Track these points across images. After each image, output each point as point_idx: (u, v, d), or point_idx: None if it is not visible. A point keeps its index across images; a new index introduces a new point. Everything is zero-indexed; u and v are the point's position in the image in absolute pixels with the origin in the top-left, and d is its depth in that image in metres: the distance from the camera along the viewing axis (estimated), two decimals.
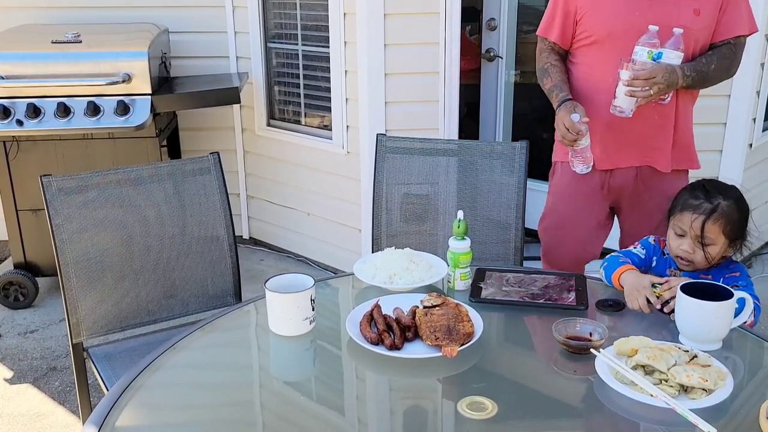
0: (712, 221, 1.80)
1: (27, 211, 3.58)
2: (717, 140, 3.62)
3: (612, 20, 2.23)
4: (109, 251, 2.15)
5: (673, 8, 2.19)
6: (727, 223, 1.81)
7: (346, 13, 3.53)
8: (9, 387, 3.00)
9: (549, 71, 2.37)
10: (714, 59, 2.25)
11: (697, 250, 1.83)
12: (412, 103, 3.57)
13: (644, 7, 2.19)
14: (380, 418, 1.42)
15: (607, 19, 2.24)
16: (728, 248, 1.86)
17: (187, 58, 4.07)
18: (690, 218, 1.83)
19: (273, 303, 1.67)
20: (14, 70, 3.34)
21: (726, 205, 1.82)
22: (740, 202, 1.86)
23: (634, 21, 2.18)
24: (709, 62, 2.24)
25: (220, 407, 1.44)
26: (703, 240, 1.81)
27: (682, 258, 1.87)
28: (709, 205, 1.82)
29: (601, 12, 2.25)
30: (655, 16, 2.16)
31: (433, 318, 1.60)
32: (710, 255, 1.83)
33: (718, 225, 1.81)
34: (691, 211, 1.83)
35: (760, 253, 4.16)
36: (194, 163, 2.27)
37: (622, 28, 2.20)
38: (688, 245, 1.84)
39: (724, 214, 1.81)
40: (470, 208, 2.41)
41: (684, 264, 1.87)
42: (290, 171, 4.11)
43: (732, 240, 1.84)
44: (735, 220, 1.82)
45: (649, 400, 1.37)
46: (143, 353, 1.94)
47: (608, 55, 2.23)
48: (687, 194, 1.89)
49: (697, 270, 1.88)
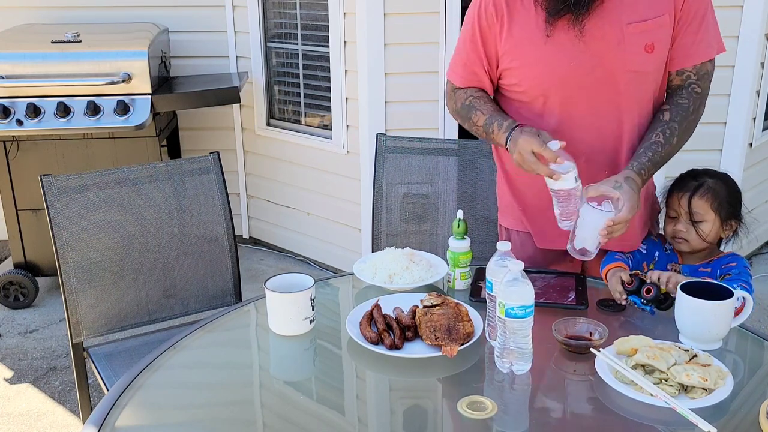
0: (698, 196, 1.88)
1: (27, 210, 3.59)
2: (717, 139, 3.63)
3: (543, 75, 1.80)
4: (109, 251, 2.15)
5: (615, 49, 1.74)
6: (714, 199, 1.87)
7: (346, 13, 3.53)
8: (9, 387, 3.00)
9: (474, 105, 1.88)
10: (675, 127, 1.79)
11: (689, 228, 1.89)
12: (412, 102, 3.57)
13: (580, 54, 1.75)
14: (380, 417, 1.42)
15: (537, 74, 1.81)
16: (722, 228, 1.90)
17: (187, 58, 4.07)
18: (677, 197, 1.91)
19: (273, 303, 1.67)
20: (14, 69, 3.34)
21: (712, 182, 1.90)
22: (727, 180, 1.93)
23: (571, 73, 1.77)
24: (669, 137, 1.78)
25: (220, 407, 1.44)
26: (692, 216, 1.87)
27: (677, 238, 1.91)
28: (695, 182, 1.91)
29: (529, 65, 1.80)
30: (596, 63, 1.75)
31: (433, 318, 1.60)
32: (703, 232, 1.88)
33: (704, 200, 1.87)
34: (679, 190, 1.92)
35: (760, 252, 4.16)
36: (194, 163, 2.27)
37: (558, 83, 1.79)
38: (682, 225, 1.90)
39: (710, 189, 1.88)
40: (470, 207, 2.41)
41: (680, 243, 1.91)
42: (290, 171, 4.11)
43: (724, 219, 1.89)
44: (722, 196, 1.89)
45: (649, 400, 1.37)
46: (143, 353, 1.94)
47: (543, 112, 1.84)
48: (677, 180, 1.97)
49: (695, 251, 1.91)
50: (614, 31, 1.73)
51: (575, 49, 1.76)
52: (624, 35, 1.73)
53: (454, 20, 3.41)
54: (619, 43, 1.74)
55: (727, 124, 3.61)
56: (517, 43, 1.81)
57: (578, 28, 1.73)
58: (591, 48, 1.75)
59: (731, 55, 3.53)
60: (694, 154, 2.36)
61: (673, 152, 1.81)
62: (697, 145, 2.43)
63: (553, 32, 1.76)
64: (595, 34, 1.74)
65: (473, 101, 1.90)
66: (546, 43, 1.77)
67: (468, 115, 1.90)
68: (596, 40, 1.74)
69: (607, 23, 1.73)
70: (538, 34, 1.77)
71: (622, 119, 1.82)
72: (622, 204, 1.64)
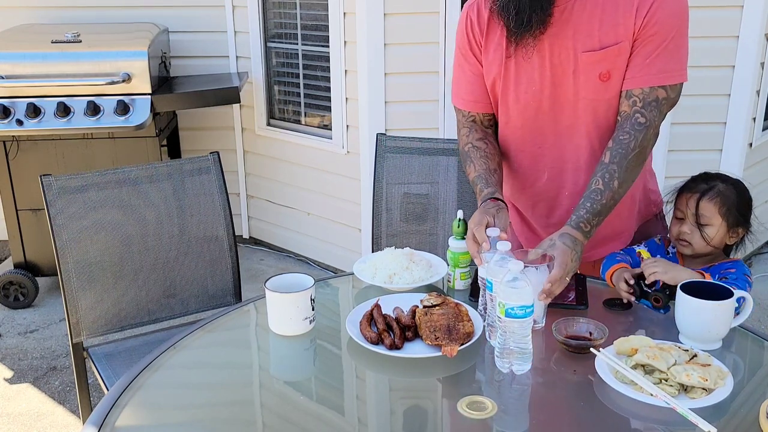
0: (707, 199, 1.84)
1: (27, 210, 3.59)
2: (717, 139, 3.63)
3: (505, 95, 1.85)
4: (109, 251, 2.15)
5: (571, 76, 1.75)
6: (723, 204, 1.84)
7: (346, 13, 3.53)
8: (9, 387, 3.00)
9: (470, 156, 1.91)
10: (614, 170, 1.72)
11: (694, 230, 1.86)
12: (412, 102, 3.57)
13: (539, 78, 1.78)
14: (380, 417, 1.42)
15: (502, 94, 1.85)
16: (728, 234, 1.87)
17: (187, 58, 4.07)
18: (686, 198, 1.88)
19: (273, 303, 1.67)
20: (14, 69, 3.35)
21: (723, 187, 1.86)
22: (739, 186, 1.89)
23: (531, 96, 1.81)
24: (608, 181, 1.72)
25: (220, 407, 1.44)
26: (698, 219, 1.84)
27: (681, 240, 1.89)
28: (705, 185, 1.87)
29: (496, 84, 1.85)
30: (553, 88, 1.78)
31: (433, 318, 1.60)
32: (707, 236, 1.84)
33: (713, 204, 1.84)
34: (688, 191, 1.89)
35: (760, 252, 4.16)
36: (194, 163, 2.27)
37: (519, 105, 1.83)
38: (687, 227, 1.87)
39: (720, 193, 1.85)
40: (470, 207, 2.41)
41: (683, 245, 1.89)
42: (290, 171, 4.11)
43: (731, 225, 1.85)
44: (732, 202, 1.85)
45: (649, 400, 1.37)
46: (143, 353, 1.94)
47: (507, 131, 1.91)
48: (688, 182, 1.93)
49: (698, 255, 1.89)
50: (569, 59, 1.75)
51: (534, 72, 1.78)
52: (578, 63, 1.74)
53: (454, 20, 3.41)
54: (574, 71, 1.75)
55: (727, 124, 3.61)
56: (490, 62, 1.85)
57: (537, 52, 1.76)
58: (548, 73, 1.77)
59: (731, 55, 3.53)
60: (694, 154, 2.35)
61: (617, 195, 1.74)
62: (697, 145, 2.44)
63: (515, 54, 1.79)
64: (552, 60, 1.77)
65: (470, 150, 1.92)
66: (509, 65, 1.81)
67: (465, 162, 1.94)
68: (554, 66, 1.77)
69: (563, 50, 1.75)
70: (503, 55, 1.81)
71: (580, 143, 1.84)
72: (554, 262, 1.61)
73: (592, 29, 1.72)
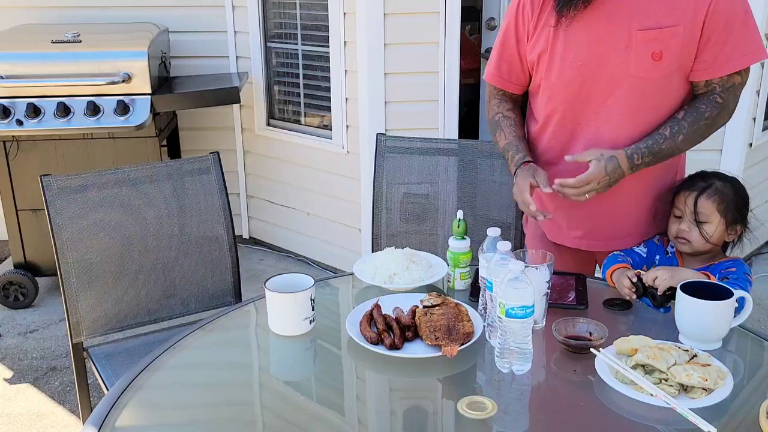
0: (705, 197, 1.86)
1: (27, 210, 3.59)
2: (717, 139, 3.62)
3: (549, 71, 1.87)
4: (109, 251, 2.15)
5: (622, 53, 1.77)
6: (720, 201, 1.85)
7: (346, 13, 3.53)
8: (9, 387, 3.00)
9: (501, 124, 2.01)
10: (684, 126, 1.81)
11: (692, 228, 1.87)
12: (412, 102, 3.57)
13: (587, 54, 1.80)
14: (380, 418, 1.42)
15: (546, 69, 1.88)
16: (726, 232, 1.88)
17: (187, 58, 4.07)
18: (684, 196, 1.89)
19: (273, 303, 1.67)
20: (14, 69, 3.34)
21: (720, 185, 1.88)
22: (736, 184, 1.90)
23: (576, 71, 1.83)
24: (675, 132, 1.81)
25: (220, 407, 1.44)
26: (697, 217, 1.85)
27: (679, 238, 1.90)
28: (703, 183, 1.89)
29: (542, 59, 1.88)
30: (602, 64, 1.79)
31: (433, 318, 1.60)
32: (706, 233, 1.85)
33: (711, 201, 1.85)
34: (686, 189, 1.90)
35: (760, 252, 4.16)
36: (194, 163, 2.27)
37: (563, 81, 1.85)
38: (685, 224, 1.88)
39: (718, 191, 1.86)
40: (470, 207, 2.41)
41: (682, 243, 1.90)
42: (290, 171, 4.11)
43: (729, 222, 1.86)
44: (730, 199, 1.86)
45: (649, 400, 1.37)
46: (143, 353, 1.94)
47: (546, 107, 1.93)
48: (685, 180, 1.96)
49: (697, 253, 1.89)
50: (623, 35, 1.76)
51: (582, 48, 1.81)
52: (632, 40, 1.76)
53: (454, 20, 3.41)
54: (626, 48, 1.77)
55: (726, 124, 3.61)
56: (537, 37, 1.88)
57: (587, 28, 1.78)
58: (598, 49, 1.79)
59: None
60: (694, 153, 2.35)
61: (675, 149, 1.84)
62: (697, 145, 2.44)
63: (566, 30, 1.82)
64: (603, 37, 1.78)
65: (501, 120, 2.02)
66: (556, 40, 1.84)
67: (494, 131, 2.04)
68: (604, 42, 1.78)
69: (617, 27, 1.77)
70: (552, 30, 1.84)
71: (620, 123, 1.85)
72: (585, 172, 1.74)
73: (650, 8, 1.74)
